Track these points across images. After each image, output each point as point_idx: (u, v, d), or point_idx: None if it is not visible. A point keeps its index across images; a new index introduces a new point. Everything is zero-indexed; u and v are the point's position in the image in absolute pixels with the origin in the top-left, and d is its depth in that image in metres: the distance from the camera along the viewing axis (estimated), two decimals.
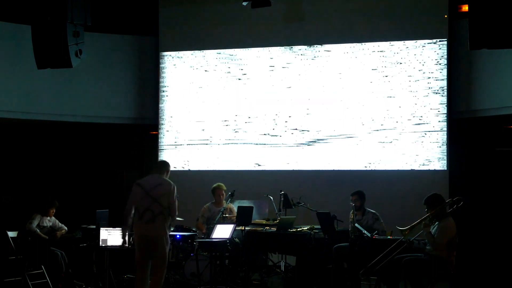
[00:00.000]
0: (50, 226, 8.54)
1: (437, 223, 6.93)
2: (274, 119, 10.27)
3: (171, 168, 6.91)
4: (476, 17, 6.17)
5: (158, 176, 6.69)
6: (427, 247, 7.02)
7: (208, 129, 10.52)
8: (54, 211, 8.60)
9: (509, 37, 6.04)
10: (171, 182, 6.64)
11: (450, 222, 6.92)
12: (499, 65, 9.31)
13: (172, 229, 7.76)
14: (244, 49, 10.44)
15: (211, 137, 10.50)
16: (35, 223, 8.37)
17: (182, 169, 10.35)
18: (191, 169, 10.40)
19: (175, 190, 6.58)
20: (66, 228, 8.70)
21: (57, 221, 8.65)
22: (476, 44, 6.25)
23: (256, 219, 8.61)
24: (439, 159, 9.53)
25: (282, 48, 10.28)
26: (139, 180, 6.70)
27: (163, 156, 10.46)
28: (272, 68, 10.33)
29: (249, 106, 10.39)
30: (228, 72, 10.48)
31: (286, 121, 10.22)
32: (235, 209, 8.54)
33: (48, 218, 8.57)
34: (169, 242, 6.71)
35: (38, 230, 8.36)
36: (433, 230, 6.91)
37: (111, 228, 8.09)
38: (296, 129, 10.17)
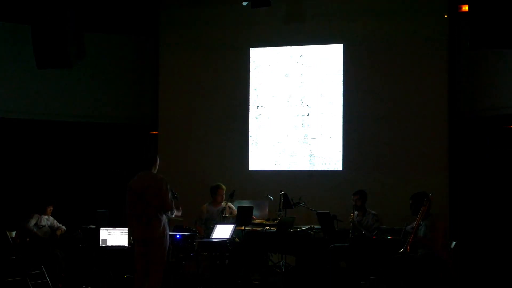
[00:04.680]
0: (49, 225, 8.54)
1: (422, 223, 6.97)
2: (274, 119, 10.28)
3: (172, 169, 6.87)
4: (476, 17, 6.18)
5: (148, 173, 6.55)
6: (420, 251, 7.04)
7: (207, 129, 10.51)
8: (52, 208, 8.60)
9: (509, 37, 6.04)
10: (162, 178, 6.48)
11: (435, 218, 7.04)
12: (499, 65, 9.31)
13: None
14: (244, 49, 10.43)
15: (210, 136, 10.49)
16: (33, 222, 8.38)
17: (181, 169, 10.32)
18: (191, 169, 10.37)
19: (166, 185, 6.42)
20: (64, 227, 8.71)
21: (55, 221, 8.66)
22: (476, 44, 6.26)
23: (256, 219, 8.62)
24: (439, 159, 9.51)
25: (283, 48, 10.27)
26: (131, 181, 6.56)
27: (163, 156, 10.40)
28: (271, 68, 10.32)
29: (249, 105, 10.40)
30: (228, 72, 10.48)
31: (286, 120, 10.23)
32: (235, 208, 8.53)
33: (46, 217, 8.57)
34: (168, 242, 6.59)
35: (36, 229, 8.36)
36: (421, 232, 6.94)
37: (111, 228, 8.12)
38: (295, 129, 10.18)
